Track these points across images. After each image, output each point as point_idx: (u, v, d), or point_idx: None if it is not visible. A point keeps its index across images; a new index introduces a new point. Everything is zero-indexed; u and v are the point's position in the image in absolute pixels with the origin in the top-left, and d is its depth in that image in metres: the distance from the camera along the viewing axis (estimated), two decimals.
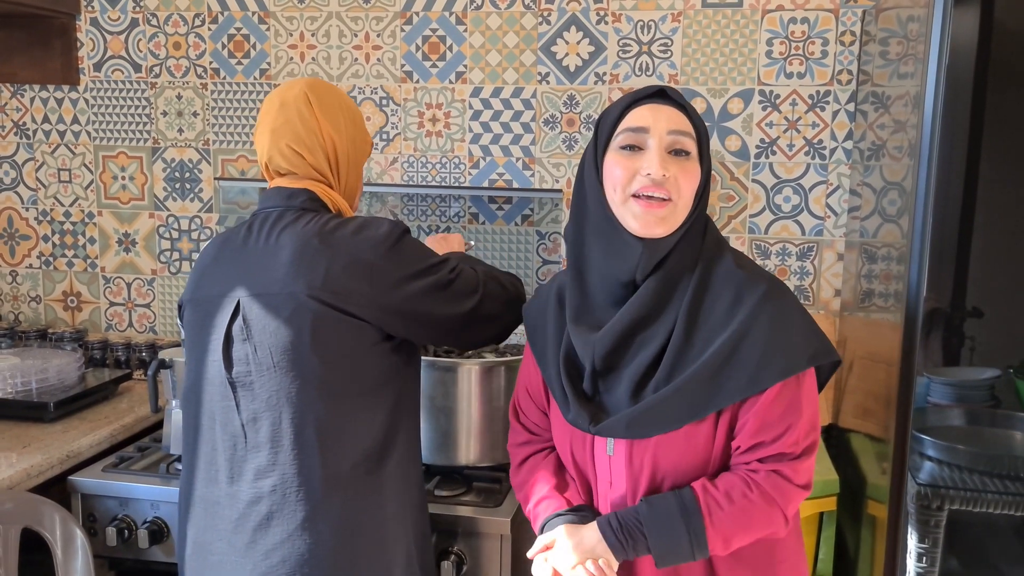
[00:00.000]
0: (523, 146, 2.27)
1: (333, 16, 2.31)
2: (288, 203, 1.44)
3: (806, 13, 2.11)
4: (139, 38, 2.42)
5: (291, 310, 1.36)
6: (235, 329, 1.40)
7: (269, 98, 1.49)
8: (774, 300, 1.23)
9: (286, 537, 1.36)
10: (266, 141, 1.46)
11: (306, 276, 1.36)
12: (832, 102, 2.13)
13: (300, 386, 1.36)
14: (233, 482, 1.40)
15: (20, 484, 1.74)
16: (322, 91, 1.48)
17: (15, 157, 2.54)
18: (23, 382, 2.08)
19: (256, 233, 1.43)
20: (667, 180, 1.21)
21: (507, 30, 2.23)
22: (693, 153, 1.24)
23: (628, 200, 1.22)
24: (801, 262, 2.19)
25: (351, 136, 1.50)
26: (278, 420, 1.37)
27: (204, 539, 1.44)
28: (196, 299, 1.47)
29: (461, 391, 1.80)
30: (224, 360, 1.40)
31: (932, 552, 1.62)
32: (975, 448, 1.67)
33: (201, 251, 1.53)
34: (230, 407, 1.40)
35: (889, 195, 1.74)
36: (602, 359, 1.26)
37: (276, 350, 1.37)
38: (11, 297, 2.61)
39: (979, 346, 1.95)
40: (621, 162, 1.23)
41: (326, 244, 1.38)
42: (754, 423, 1.22)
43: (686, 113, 1.24)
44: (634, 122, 1.23)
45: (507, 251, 2.32)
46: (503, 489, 1.79)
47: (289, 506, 1.36)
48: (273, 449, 1.37)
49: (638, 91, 1.26)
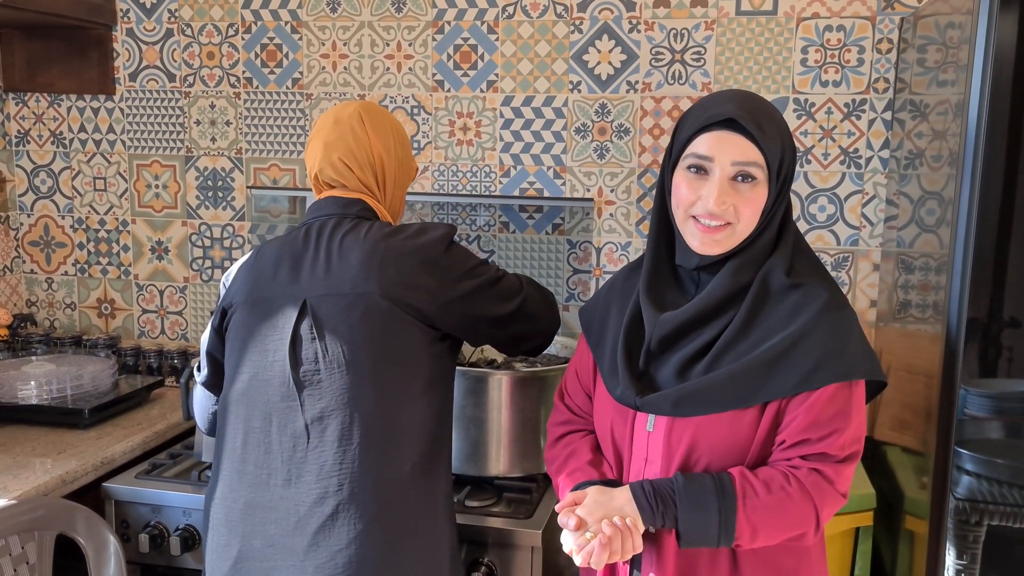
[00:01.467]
0: (554, 155, 2.27)
1: (365, 25, 2.32)
2: (344, 211, 1.51)
3: (842, 21, 2.08)
4: (173, 48, 2.44)
5: (362, 310, 1.41)
6: (303, 329, 1.42)
7: (324, 116, 1.57)
8: (837, 310, 1.25)
9: (353, 538, 1.36)
10: (318, 153, 1.54)
11: (377, 276, 1.41)
12: (868, 110, 2.10)
13: (368, 385, 1.40)
14: (291, 484, 1.40)
15: (55, 490, 1.75)
16: (375, 112, 1.57)
17: (52, 166, 2.57)
18: (58, 388, 2.10)
19: (316, 238, 1.48)
20: (725, 211, 1.23)
21: (539, 39, 2.23)
22: (760, 178, 1.24)
23: (688, 220, 1.27)
24: (836, 272, 2.16)
25: (399, 157, 1.58)
26: (348, 419, 1.39)
27: (250, 548, 1.42)
28: (254, 300, 1.48)
29: (492, 401, 1.79)
30: (291, 359, 1.42)
31: (971, 568, 1.59)
32: (1015, 462, 1.64)
33: (251, 254, 1.54)
34: (292, 407, 1.41)
35: (927, 204, 1.72)
36: (659, 340, 1.29)
37: (347, 349, 1.40)
38: (47, 304, 2.64)
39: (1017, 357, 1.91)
40: (688, 183, 1.26)
41: (392, 247, 1.44)
42: (804, 420, 1.22)
43: (756, 143, 1.22)
44: (701, 149, 1.24)
45: (537, 260, 2.31)
46: (534, 500, 1.78)
47: (357, 506, 1.37)
48: (341, 447, 1.38)
49: (711, 111, 1.24)
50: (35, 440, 1.97)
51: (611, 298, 1.43)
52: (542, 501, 1.79)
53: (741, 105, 1.23)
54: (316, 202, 1.55)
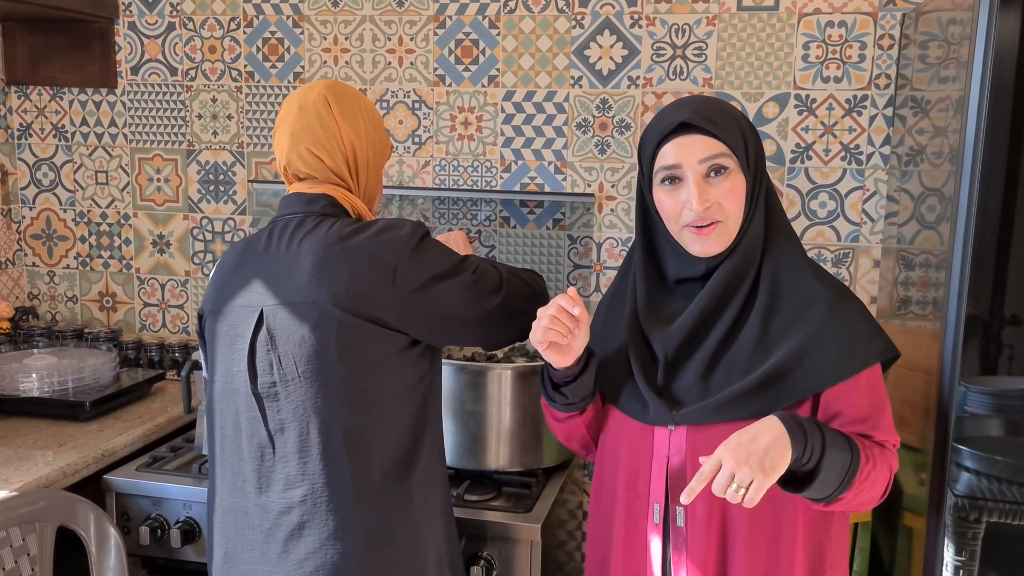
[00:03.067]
0: (555, 150, 2.27)
1: (367, 20, 2.32)
2: (308, 209, 1.42)
3: (843, 16, 2.08)
4: (175, 42, 2.44)
5: (316, 319, 1.34)
6: (259, 340, 1.38)
7: (288, 101, 1.47)
8: (848, 296, 1.28)
9: (318, 546, 1.35)
10: (285, 145, 1.44)
11: (329, 284, 1.34)
12: (869, 106, 2.10)
13: (326, 395, 1.35)
14: (262, 492, 1.39)
15: (56, 482, 1.76)
16: (341, 93, 1.46)
17: (54, 159, 2.58)
18: (59, 381, 2.11)
19: (276, 240, 1.41)
20: (710, 209, 1.24)
21: (540, 34, 2.23)
22: (732, 166, 1.25)
23: (683, 230, 1.28)
24: (837, 268, 2.16)
25: (371, 139, 1.48)
26: (306, 430, 1.36)
27: (233, 549, 1.43)
28: (218, 309, 1.45)
29: (491, 395, 1.80)
30: (249, 371, 1.39)
31: (969, 565, 1.59)
32: (1014, 459, 1.64)
33: (219, 259, 1.51)
34: (256, 418, 1.39)
35: (928, 201, 1.71)
36: (675, 349, 1.29)
37: (301, 360, 1.35)
38: (49, 297, 2.65)
39: (1018, 354, 1.91)
40: (667, 196, 1.28)
41: (347, 249, 1.36)
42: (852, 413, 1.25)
43: (713, 135, 1.24)
44: (666, 160, 1.27)
45: (538, 255, 2.31)
46: (533, 494, 1.79)
47: (320, 515, 1.35)
48: (302, 459, 1.36)
49: (664, 122, 1.27)
50: (36, 432, 1.98)
51: (603, 334, 1.41)
52: (541, 495, 1.80)
53: (690, 108, 1.25)
54: (282, 198, 1.47)
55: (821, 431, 1.17)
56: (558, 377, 1.32)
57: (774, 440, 1.12)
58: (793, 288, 1.28)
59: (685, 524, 1.28)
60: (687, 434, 1.27)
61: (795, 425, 1.15)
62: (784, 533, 1.26)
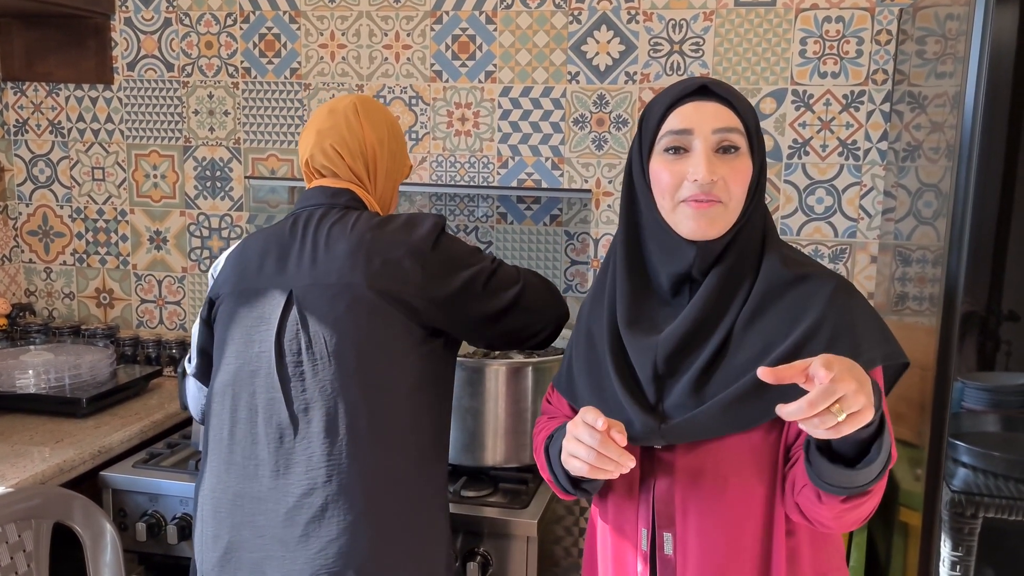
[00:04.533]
0: (552, 146, 2.26)
1: (363, 15, 2.31)
2: (332, 201, 1.50)
3: (841, 12, 2.08)
4: (172, 37, 2.44)
5: (348, 301, 1.39)
6: (289, 320, 1.42)
7: (320, 107, 1.58)
8: (849, 295, 1.17)
9: (343, 529, 1.35)
10: (311, 141, 1.54)
11: (363, 267, 1.40)
12: (867, 102, 2.09)
13: (353, 377, 1.39)
14: (279, 475, 1.39)
15: (53, 479, 1.76)
16: (371, 105, 1.58)
17: (50, 155, 2.57)
18: (56, 377, 2.10)
19: (303, 228, 1.47)
20: (716, 184, 1.14)
21: (537, 29, 2.23)
22: (743, 148, 1.16)
23: (678, 206, 1.16)
24: (834, 264, 2.16)
25: (391, 150, 1.58)
26: (333, 410, 1.38)
27: (239, 539, 1.42)
28: (240, 291, 1.47)
29: (488, 391, 1.80)
30: (276, 350, 1.41)
31: (966, 561, 1.59)
32: (1011, 455, 1.64)
33: (238, 245, 1.53)
34: (276, 399, 1.40)
35: (925, 197, 1.71)
36: (665, 361, 1.18)
37: (332, 341, 1.39)
38: (45, 293, 2.65)
39: (1015, 350, 1.91)
40: (668, 167, 1.17)
41: (379, 238, 1.43)
42: None
43: (732, 107, 1.17)
44: (677, 124, 1.16)
45: (535, 251, 2.31)
46: (530, 491, 1.79)
47: (346, 498, 1.36)
48: (328, 439, 1.37)
49: (679, 87, 1.19)
50: (33, 429, 1.98)
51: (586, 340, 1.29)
52: (538, 491, 1.80)
53: (709, 80, 1.19)
54: (305, 192, 1.55)
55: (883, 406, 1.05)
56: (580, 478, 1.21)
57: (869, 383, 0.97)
58: (790, 288, 1.17)
59: (674, 552, 1.20)
60: (677, 455, 1.18)
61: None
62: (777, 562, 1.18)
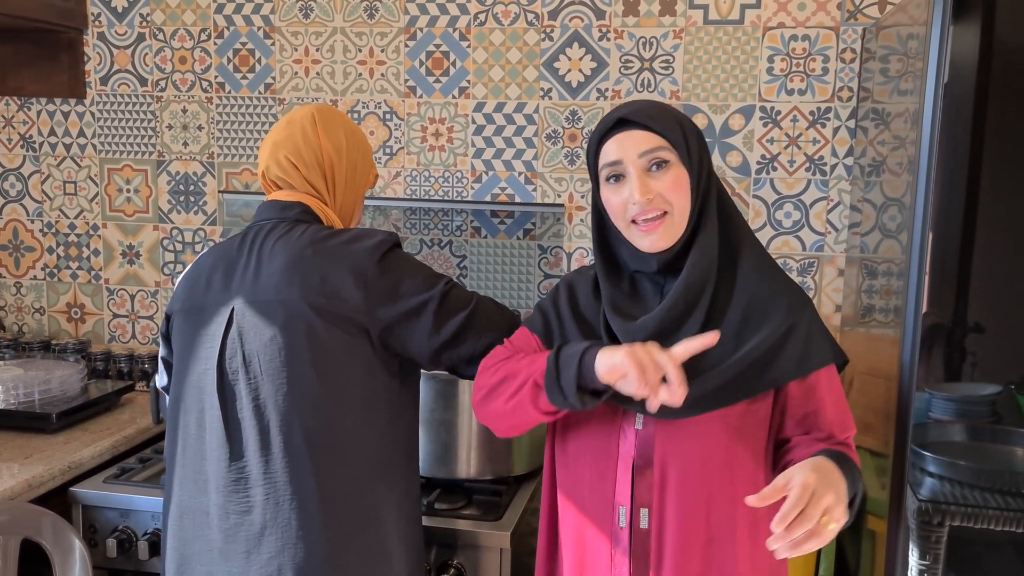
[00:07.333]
0: (525, 161, 2.29)
1: (338, 31, 2.33)
2: (282, 215, 1.47)
3: (807, 31, 2.12)
4: (145, 52, 2.44)
5: (285, 318, 1.36)
6: (230, 338, 1.40)
7: (280, 119, 1.56)
8: (806, 301, 1.32)
9: (280, 548, 1.35)
10: (267, 152, 1.51)
11: (299, 283, 1.37)
12: (833, 118, 2.14)
13: (288, 395, 1.36)
14: (222, 492, 1.38)
15: (21, 495, 1.74)
16: (329, 114, 1.53)
17: (21, 170, 2.56)
18: (25, 393, 2.08)
19: (250, 243, 1.45)
20: (653, 200, 1.26)
21: (510, 46, 2.25)
22: (673, 159, 1.27)
23: (630, 226, 1.29)
24: (802, 277, 2.19)
25: (352, 160, 1.53)
26: (265, 428, 1.36)
27: (189, 552, 1.42)
28: (188, 308, 1.46)
29: (462, 404, 1.80)
30: (218, 369, 1.40)
31: (933, 568, 1.61)
32: (976, 464, 1.67)
33: (192, 263, 1.53)
34: (218, 417, 1.39)
35: (889, 211, 1.75)
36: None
37: (265, 358, 1.37)
38: (15, 308, 2.62)
39: (980, 362, 1.95)
40: (612, 194, 1.29)
41: (319, 252, 1.39)
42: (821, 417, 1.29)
43: (650, 129, 1.27)
44: (609, 156, 1.28)
45: (509, 265, 2.33)
46: (503, 503, 1.79)
47: (283, 516, 1.35)
48: (263, 458, 1.36)
49: (603, 123, 1.30)
50: (1, 445, 1.95)
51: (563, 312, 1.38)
52: (511, 504, 1.81)
53: (628, 108, 1.29)
54: (259, 206, 1.52)
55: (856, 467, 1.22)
56: (603, 386, 1.24)
57: (839, 476, 1.14)
58: (762, 284, 1.29)
59: (649, 526, 1.28)
60: (655, 433, 1.27)
61: (842, 460, 1.18)
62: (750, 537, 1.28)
